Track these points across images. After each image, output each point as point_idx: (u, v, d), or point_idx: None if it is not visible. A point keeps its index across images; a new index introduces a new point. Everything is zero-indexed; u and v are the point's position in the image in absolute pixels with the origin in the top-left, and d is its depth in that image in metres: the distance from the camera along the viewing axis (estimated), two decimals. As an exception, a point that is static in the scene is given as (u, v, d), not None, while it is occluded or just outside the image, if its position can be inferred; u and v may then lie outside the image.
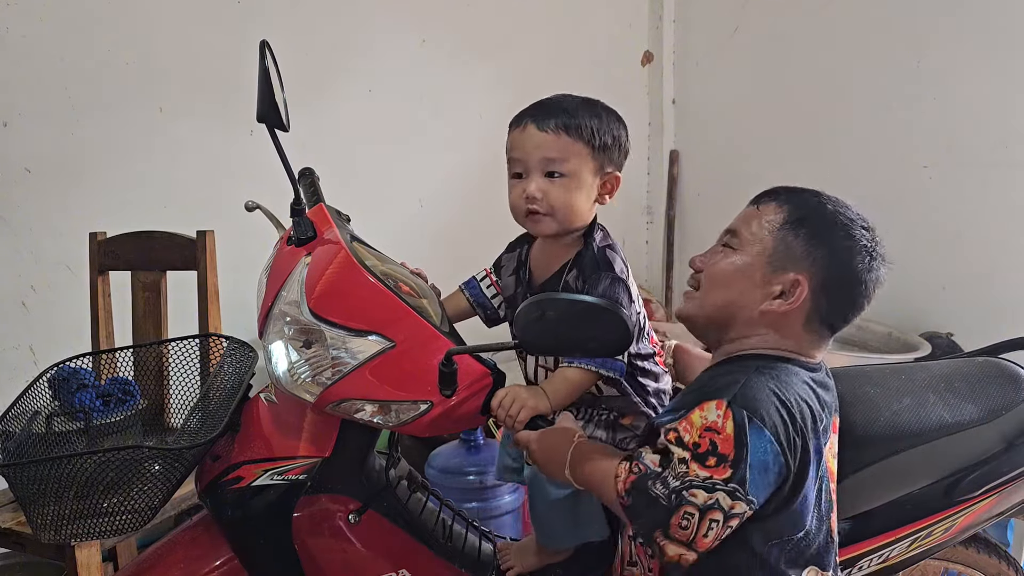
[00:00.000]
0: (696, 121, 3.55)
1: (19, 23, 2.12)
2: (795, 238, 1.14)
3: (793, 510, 1.09)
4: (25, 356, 2.20)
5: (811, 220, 1.15)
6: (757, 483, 1.02)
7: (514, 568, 1.46)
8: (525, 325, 1.09)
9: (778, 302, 1.13)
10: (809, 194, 1.19)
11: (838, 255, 1.13)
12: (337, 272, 1.26)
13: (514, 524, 2.22)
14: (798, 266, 1.13)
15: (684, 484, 1.02)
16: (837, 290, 1.14)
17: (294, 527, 1.30)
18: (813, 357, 1.18)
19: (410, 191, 2.97)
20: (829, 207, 1.17)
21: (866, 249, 1.14)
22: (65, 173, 2.23)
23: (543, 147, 1.28)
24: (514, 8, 3.16)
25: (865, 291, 1.15)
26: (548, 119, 1.28)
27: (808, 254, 1.13)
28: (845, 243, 1.14)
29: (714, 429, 1.03)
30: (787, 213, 1.16)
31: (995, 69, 2.57)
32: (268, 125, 1.32)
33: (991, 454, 1.31)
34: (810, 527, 1.11)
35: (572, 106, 1.30)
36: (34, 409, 1.38)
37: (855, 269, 1.13)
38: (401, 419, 1.21)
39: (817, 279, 1.13)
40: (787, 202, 1.17)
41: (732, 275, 1.17)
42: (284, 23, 2.56)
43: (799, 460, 1.06)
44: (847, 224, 1.15)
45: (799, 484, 1.08)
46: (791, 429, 1.05)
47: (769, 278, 1.14)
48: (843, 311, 1.16)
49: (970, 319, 2.64)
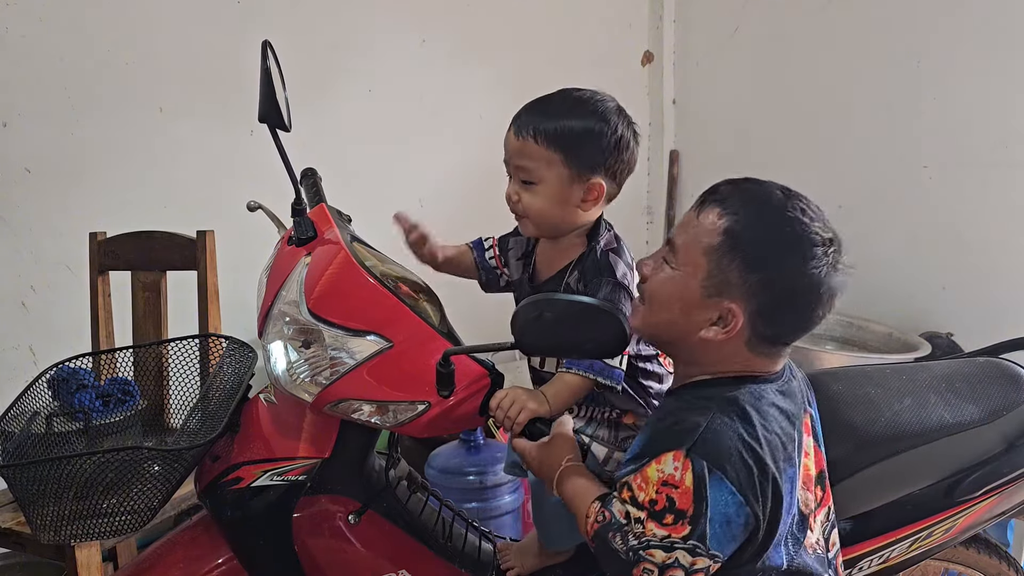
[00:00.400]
0: (696, 121, 3.55)
1: (19, 23, 2.12)
2: (730, 262, 1.03)
3: (772, 551, 1.05)
4: (25, 356, 2.20)
5: (749, 238, 1.03)
6: (719, 537, 0.99)
7: (514, 568, 1.46)
8: (523, 325, 1.09)
9: (715, 329, 1.06)
10: (757, 196, 1.07)
11: (780, 279, 1.04)
12: (336, 272, 1.26)
13: (514, 524, 2.22)
14: (732, 293, 1.04)
15: (641, 544, 1.00)
16: (780, 313, 1.06)
17: (294, 528, 1.30)
18: (771, 371, 1.12)
19: (410, 191, 2.96)
20: (775, 216, 1.04)
21: (817, 266, 1.03)
22: (65, 173, 2.23)
23: (514, 153, 1.28)
24: (514, 8, 3.16)
25: (817, 307, 1.06)
26: (525, 125, 1.26)
27: (744, 281, 1.03)
28: (789, 263, 1.03)
29: (671, 483, 0.99)
30: (725, 228, 1.04)
31: (995, 69, 2.57)
32: (269, 125, 1.33)
33: (992, 455, 1.31)
34: (793, 555, 1.07)
35: (558, 109, 1.26)
36: (34, 409, 1.38)
37: (801, 289, 1.04)
38: (399, 419, 1.21)
39: (754, 306, 1.04)
40: (728, 210, 1.05)
41: (670, 296, 1.09)
42: (284, 23, 2.56)
43: (771, 506, 1.01)
44: (796, 239, 1.03)
45: (774, 527, 1.03)
46: (758, 476, 1.00)
47: (704, 303, 1.05)
48: (791, 330, 1.09)
49: (970, 319, 2.64)
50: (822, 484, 1.18)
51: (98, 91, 2.25)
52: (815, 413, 1.20)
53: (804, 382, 1.21)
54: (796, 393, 1.14)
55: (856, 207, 2.96)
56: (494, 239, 1.50)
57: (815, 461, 1.16)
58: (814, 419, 1.19)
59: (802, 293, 1.04)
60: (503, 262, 1.47)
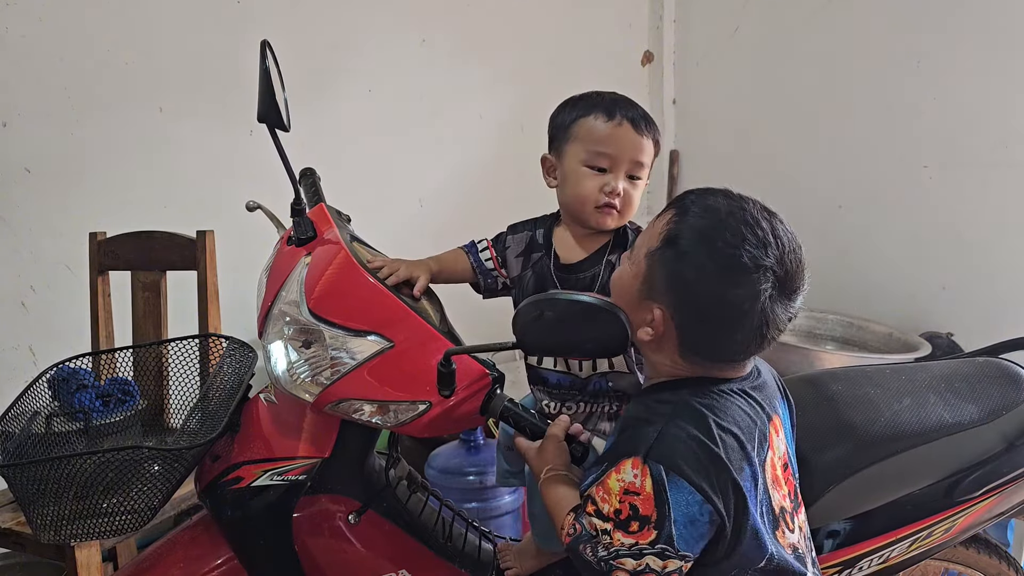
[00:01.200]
0: (696, 121, 3.55)
1: (19, 23, 2.12)
2: (662, 266, 1.04)
3: (746, 545, 1.04)
4: (25, 356, 2.20)
5: (681, 250, 1.03)
6: (686, 537, 0.99)
7: (513, 569, 1.46)
8: (524, 325, 1.09)
9: (647, 330, 1.07)
10: (709, 211, 1.05)
11: (699, 297, 1.03)
12: (337, 272, 1.26)
13: (514, 524, 2.23)
14: (659, 299, 1.05)
15: (611, 554, 1.01)
16: (700, 330, 1.05)
17: (294, 527, 1.30)
18: (729, 375, 1.10)
19: (410, 191, 2.97)
20: (713, 235, 1.02)
21: (740, 293, 1.00)
22: (65, 173, 2.23)
23: (637, 149, 1.31)
24: (514, 8, 3.16)
25: (736, 333, 1.03)
26: (642, 122, 1.31)
27: (667, 289, 1.04)
28: (710, 284, 1.01)
29: (633, 491, 0.99)
30: (665, 235, 1.05)
31: (995, 69, 2.57)
32: (269, 125, 1.32)
33: (991, 454, 1.31)
34: (772, 551, 1.07)
35: (631, 101, 1.35)
36: (34, 409, 1.38)
37: (718, 312, 1.02)
38: (400, 419, 1.21)
39: (678, 317, 1.04)
40: (677, 219, 1.06)
41: (618, 290, 1.12)
42: (284, 23, 2.56)
43: (734, 502, 1.02)
44: (726, 262, 1.01)
45: (741, 521, 1.03)
46: (715, 473, 1.00)
47: (640, 304, 1.07)
48: (713, 349, 1.07)
49: (970, 319, 2.64)
50: (794, 482, 1.16)
51: (98, 91, 2.25)
52: (785, 414, 1.19)
53: (776, 383, 1.20)
54: (767, 385, 1.14)
55: (856, 207, 2.97)
56: (487, 240, 1.49)
57: (782, 463, 1.14)
58: (783, 420, 1.18)
59: (720, 315, 1.03)
60: (500, 262, 1.47)
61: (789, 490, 1.14)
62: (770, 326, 1.03)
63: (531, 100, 1.36)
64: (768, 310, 1.02)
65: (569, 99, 1.38)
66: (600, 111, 1.32)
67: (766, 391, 1.15)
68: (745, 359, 1.11)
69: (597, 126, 1.31)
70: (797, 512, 1.15)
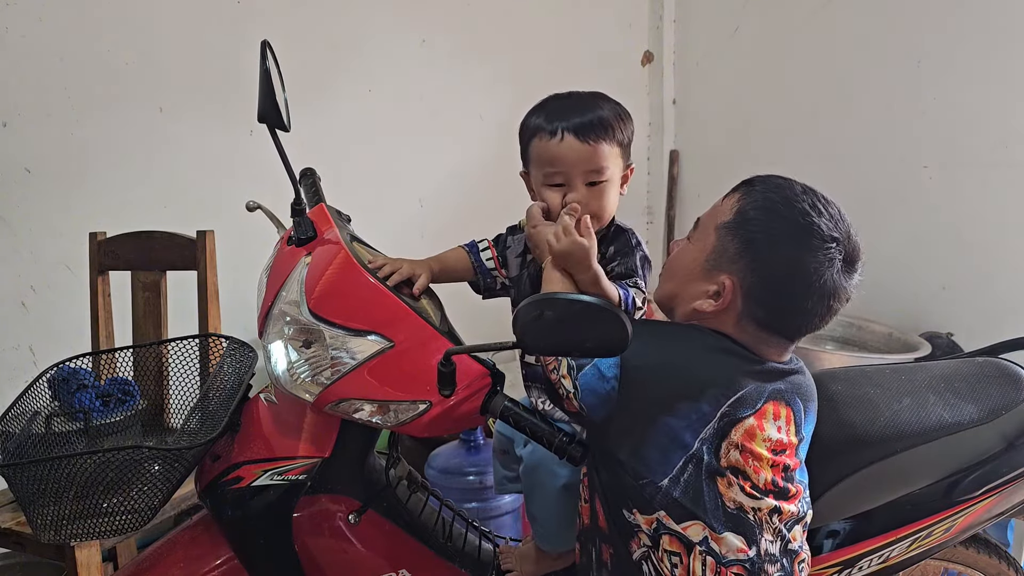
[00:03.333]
0: (696, 121, 3.56)
1: (19, 23, 2.12)
2: (733, 239, 1.11)
3: (647, 441, 1.10)
4: (25, 356, 2.20)
5: (754, 219, 1.10)
6: (587, 381, 1.10)
7: (515, 572, 1.46)
8: (524, 325, 1.09)
9: (709, 302, 1.13)
10: (778, 186, 1.13)
11: (773, 262, 1.09)
12: (337, 272, 1.26)
13: (514, 524, 2.23)
14: (729, 268, 1.11)
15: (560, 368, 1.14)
16: (770, 296, 1.10)
17: (294, 527, 1.30)
18: (766, 356, 1.15)
19: (410, 191, 2.97)
20: (784, 205, 1.10)
21: (814, 259, 1.07)
22: (65, 173, 2.23)
23: (586, 159, 1.29)
24: (514, 8, 3.16)
25: (807, 299, 1.10)
26: (588, 129, 1.28)
27: (740, 256, 1.10)
28: (785, 249, 1.08)
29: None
30: (739, 209, 1.12)
31: (995, 69, 2.57)
32: (269, 125, 1.33)
33: (991, 454, 1.31)
34: (662, 484, 1.09)
35: (593, 107, 1.30)
36: (34, 409, 1.39)
37: (793, 276, 1.08)
38: (400, 419, 1.21)
39: (748, 283, 1.10)
40: (748, 195, 1.13)
41: (678, 268, 1.18)
42: (284, 23, 2.56)
43: (641, 411, 1.09)
44: (798, 228, 1.08)
45: (639, 427, 1.09)
46: (642, 377, 1.09)
47: (705, 275, 1.14)
48: (780, 316, 1.12)
49: (970, 319, 2.64)
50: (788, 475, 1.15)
51: (98, 91, 2.25)
52: (805, 418, 1.19)
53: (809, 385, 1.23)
54: (793, 384, 1.17)
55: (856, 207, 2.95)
56: (488, 241, 1.50)
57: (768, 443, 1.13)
58: (802, 421, 1.18)
59: (793, 281, 1.08)
60: (501, 262, 1.47)
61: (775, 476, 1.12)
62: (837, 297, 1.10)
63: (531, 100, 1.36)
64: (838, 279, 1.09)
65: (529, 111, 1.37)
66: (544, 130, 1.31)
67: (796, 384, 1.17)
68: (807, 331, 1.15)
69: (543, 147, 1.31)
70: (783, 499, 1.13)
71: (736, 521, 1.10)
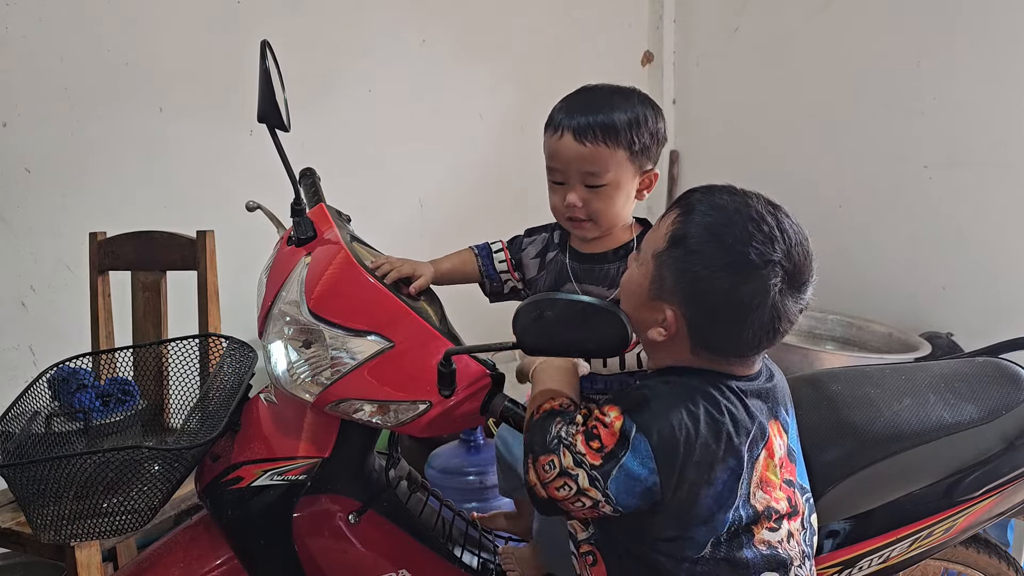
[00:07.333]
0: (696, 121, 3.55)
1: (19, 23, 2.12)
2: (668, 269, 1.05)
3: (697, 531, 1.06)
4: (25, 356, 2.20)
5: (688, 248, 1.04)
6: (619, 484, 1.02)
7: (514, 573, 1.46)
8: (524, 325, 1.09)
9: (660, 331, 1.08)
10: (715, 207, 1.06)
11: (708, 294, 1.03)
12: (337, 272, 1.26)
13: (514, 524, 2.22)
14: (670, 299, 1.06)
15: (565, 441, 1.06)
16: (711, 326, 1.06)
17: (294, 527, 1.30)
18: (739, 373, 1.11)
19: (410, 191, 2.97)
20: (719, 232, 1.03)
21: (749, 289, 1.01)
22: (65, 173, 2.23)
23: (580, 160, 1.25)
24: (514, 8, 3.16)
25: (745, 329, 1.04)
26: (586, 130, 1.24)
27: (677, 288, 1.05)
28: (718, 280, 1.02)
29: (603, 423, 1.05)
30: (671, 235, 1.06)
31: (995, 69, 2.57)
32: (269, 125, 1.33)
33: (991, 454, 1.31)
34: (726, 545, 1.07)
35: (608, 107, 1.26)
36: (34, 409, 1.39)
37: (727, 307, 1.03)
38: (400, 419, 1.21)
39: (689, 314, 1.05)
40: (683, 219, 1.07)
41: (628, 293, 1.13)
42: (284, 23, 2.56)
43: (686, 491, 1.03)
44: (732, 257, 1.02)
45: (686, 509, 1.05)
46: (682, 456, 1.02)
47: (650, 304, 1.08)
48: (738, 347, 1.08)
49: (970, 319, 2.64)
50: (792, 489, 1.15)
51: (98, 91, 2.25)
52: (790, 420, 1.18)
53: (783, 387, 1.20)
54: (774, 393, 1.14)
55: (856, 207, 2.97)
56: (503, 242, 1.47)
57: (779, 464, 1.14)
58: (788, 425, 1.17)
59: (731, 311, 1.04)
60: (514, 264, 1.45)
61: (787, 495, 1.13)
62: (781, 319, 1.05)
63: (531, 100, 1.36)
64: (779, 304, 1.03)
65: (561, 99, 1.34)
66: (552, 123, 1.29)
67: (774, 394, 1.15)
68: (757, 353, 1.11)
69: (547, 141, 1.30)
70: (793, 518, 1.13)
71: (770, 561, 1.09)
